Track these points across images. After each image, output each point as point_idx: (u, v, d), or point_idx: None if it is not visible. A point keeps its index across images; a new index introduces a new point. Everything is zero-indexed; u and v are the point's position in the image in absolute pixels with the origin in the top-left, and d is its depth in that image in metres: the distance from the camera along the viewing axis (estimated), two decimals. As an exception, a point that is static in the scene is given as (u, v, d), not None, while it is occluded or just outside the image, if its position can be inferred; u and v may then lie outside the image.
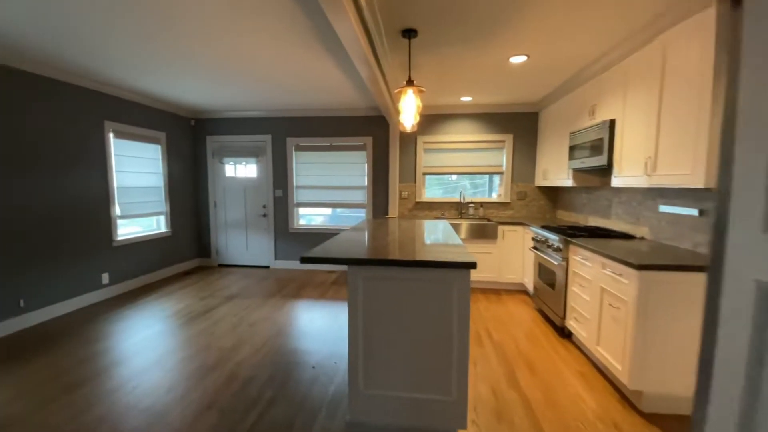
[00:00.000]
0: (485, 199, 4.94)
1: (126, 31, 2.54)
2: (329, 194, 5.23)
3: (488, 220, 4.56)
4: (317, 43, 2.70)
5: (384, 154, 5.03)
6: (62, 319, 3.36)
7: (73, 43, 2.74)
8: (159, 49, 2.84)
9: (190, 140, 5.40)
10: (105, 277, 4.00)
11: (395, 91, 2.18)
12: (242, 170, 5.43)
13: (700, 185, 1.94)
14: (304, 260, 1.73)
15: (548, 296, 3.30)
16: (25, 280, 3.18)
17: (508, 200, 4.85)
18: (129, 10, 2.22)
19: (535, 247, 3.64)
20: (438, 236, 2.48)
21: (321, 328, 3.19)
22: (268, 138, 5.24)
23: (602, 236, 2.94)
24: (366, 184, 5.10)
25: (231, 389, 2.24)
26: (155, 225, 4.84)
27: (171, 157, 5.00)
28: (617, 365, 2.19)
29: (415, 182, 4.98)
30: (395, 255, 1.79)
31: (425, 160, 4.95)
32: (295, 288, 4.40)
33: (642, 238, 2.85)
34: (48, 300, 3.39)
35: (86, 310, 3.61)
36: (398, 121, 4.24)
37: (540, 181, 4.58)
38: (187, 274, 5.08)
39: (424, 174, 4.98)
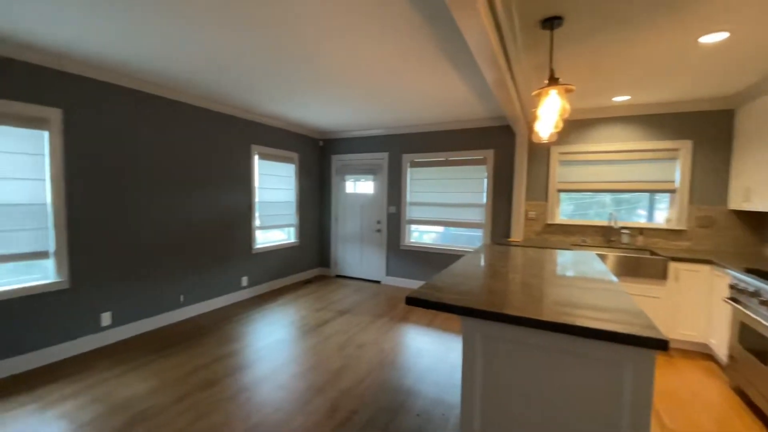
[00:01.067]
0: (647, 224, 3.84)
1: (269, 69, 2.79)
2: (443, 212, 4.91)
3: (652, 252, 3.50)
4: (436, 51, 2.46)
5: (508, 168, 4.46)
6: (209, 315, 3.92)
7: (230, 81, 3.18)
8: (295, 80, 3.06)
9: (319, 159, 5.87)
10: (244, 280, 4.56)
11: (533, 93, 1.74)
12: (360, 187, 5.61)
13: None
14: (410, 302, 1.45)
15: (759, 375, 2.22)
16: (186, 279, 3.82)
17: (683, 227, 3.65)
18: (271, 50, 2.39)
19: (734, 299, 2.55)
20: (589, 280, 1.88)
21: (428, 365, 2.86)
22: (385, 155, 5.28)
23: None
24: (485, 201, 4.60)
25: (332, 423, 2.11)
26: (286, 236, 5.36)
27: (302, 175, 5.50)
28: None
29: (546, 200, 4.23)
30: (527, 307, 1.35)
31: (560, 174, 4.17)
32: (403, 310, 4.20)
33: None
34: (201, 297, 4.00)
35: (227, 309, 4.14)
36: (530, 130, 3.68)
37: (738, 204, 3.29)
38: (308, 282, 5.46)
39: (559, 191, 4.19)
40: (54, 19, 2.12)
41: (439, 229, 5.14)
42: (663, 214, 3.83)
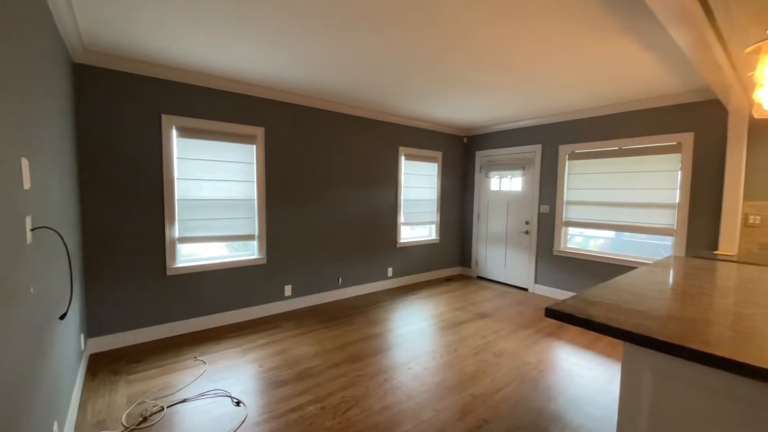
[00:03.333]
0: None
1: (421, 68, 2.93)
2: (613, 213, 4.07)
3: None
4: (604, 15, 2.05)
5: (715, 156, 3.33)
6: (361, 298, 4.42)
7: (382, 88, 3.50)
8: (437, 79, 3.12)
9: (462, 157, 5.80)
10: (390, 271, 4.95)
11: (747, 50, 1.24)
12: (507, 184, 5.24)
13: None
14: (551, 314, 1.26)
15: None
16: (343, 264, 4.42)
17: None
18: (422, 48, 2.52)
19: None
20: None
21: (581, 393, 2.44)
22: (537, 148, 4.76)
23: None
24: (677, 200, 3.57)
25: (463, 425, 2.07)
26: (427, 233, 5.53)
27: (445, 173, 5.55)
28: None
29: (784, 201, 2.97)
30: (731, 344, 0.98)
31: (816, 163, 2.84)
32: (554, 324, 3.71)
33: None
34: (354, 281, 4.56)
35: (375, 295, 4.58)
36: (750, 101, 2.66)
37: None
38: (448, 279, 5.48)
39: (812, 187, 2.86)
40: (252, 59, 2.80)
41: (608, 234, 4.29)
42: None
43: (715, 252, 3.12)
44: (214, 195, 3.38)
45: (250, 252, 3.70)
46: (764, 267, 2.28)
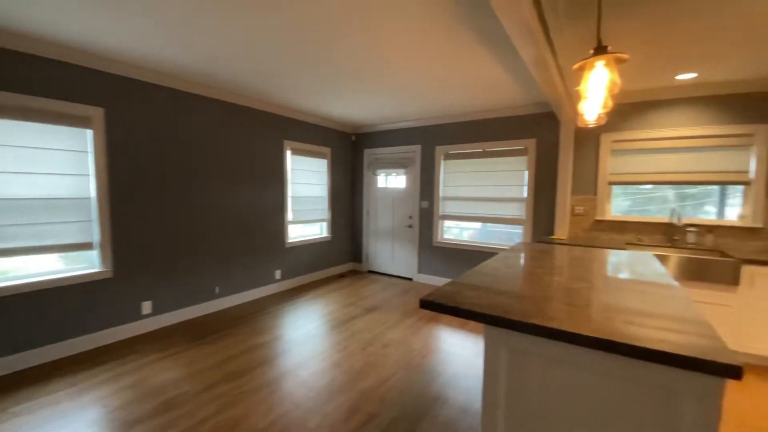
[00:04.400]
0: (718, 221, 3.34)
1: (298, 61, 2.74)
2: (479, 207, 4.64)
3: (722, 253, 3.03)
4: (466, 31, 2.25)
5: (551, 159, 4.10)
6: (242, 307, 4.01)
7: (258, 73, 3.18)
8: (323, 72, 2.99)
9: (351, 154, 5.82)
10: (278, 273, 4.63)
11: (575, 67, 1.50)
12: (392, 181, 5.48)
13: None
14: (426, 305, 1.30)
15: None
16: (221, 272, 3.93)
17: (760, 225, 3.12)
18: (300, 42, 2.33)
19: (834, 312, 2.10)
20: (646, 284, 1.61)
21: (458, 371, 2.69)
22: (417, 148, 5.09)
23: None
24: (525, 195, 4.27)
25: (348, 426, 2.02)
26: (319, 230, 5.38)
27: (335, 170, 5.48)
28: None
29: (595, 194, 3.83)
30: (567, 317, 1.15)
31: (613, 165, 3.74)
32: (435, 309, 4.02)
33: None
34: (235, 289, 4.11)
35: (260, 301, 4.22)
36: (575, 113, 3.33)
37: (840, 197, 2.73)
38: (341, 276, 5.45)
39: (611, 184, 3.77)
40: (98, 24, 2.20)
41: (476, 225, 4.88)
42: (735, 210, 3.30)
43: (552, 237, 3.83)
44: (29, 193, 2.57)
45: (88, 264, 2.94)
46: (586, 248, 2.87)
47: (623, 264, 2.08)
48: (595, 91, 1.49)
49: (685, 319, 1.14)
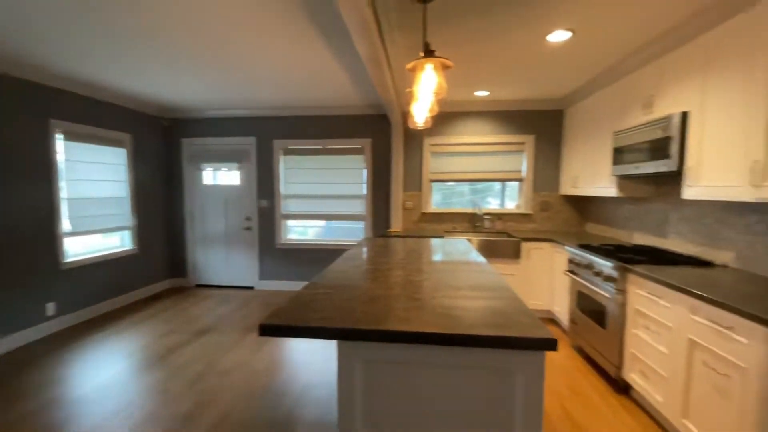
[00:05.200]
0: (503, 210, 4.29)
1: (73, 10, 1.88)
2: (322, 204, 4.56)
3: (508, 235, 3.90)
4: (306, 23, 2.05)
5: (385, 158, 4.38)
6: (-20, 368, 2.65)
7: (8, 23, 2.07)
8: (117, 30, 2.18)
9: (163, 143, 4.72)
10: (50, 308, 3.29)
11: (408, 66, 1.53)
12: (223, 177, 4.76)
13: None
14: (266, 331, 1.05)
15: (595, 335, 2.63)
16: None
17: (530, 211, 4.19)
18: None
19: (572, 271, 2.98)
20: (470, 274, 1.81)
21: (310, 382, 2.50)
22: (252, 140, 4.57)
23: (668, 262, 2.29)
24: (365, 192, 4.43)
25: (172, 498, 1.55)
26: (119, 242, 4.14)
27: (139, 163, 4.32)
28: (730, 459, 1.51)
29: (420, 191, 4.32)
30: (415, 318, 1.12)
31: (432, 165, 4.30)
32: (280, 317, 3.70)
33: (725, 266, 2.20)
34: (-38, 343, 2.68)
35: (23, 351, 2.89)
36: (405, 116, 3.60)
37: (568, 190, 3.93)
38: (156, 298, 4.37)
39: (431, 181, 4.32)
40: None
41: (321, 223, 4.77)
42: (512, 201, 4.34)
43: (390, 231, 4.11)
44: None
45: None
46: (417, 239, 3.15)
47: (448, 250, 2.34)
48: (426, 92, 1.55)
49: (510, 310, 1.29)
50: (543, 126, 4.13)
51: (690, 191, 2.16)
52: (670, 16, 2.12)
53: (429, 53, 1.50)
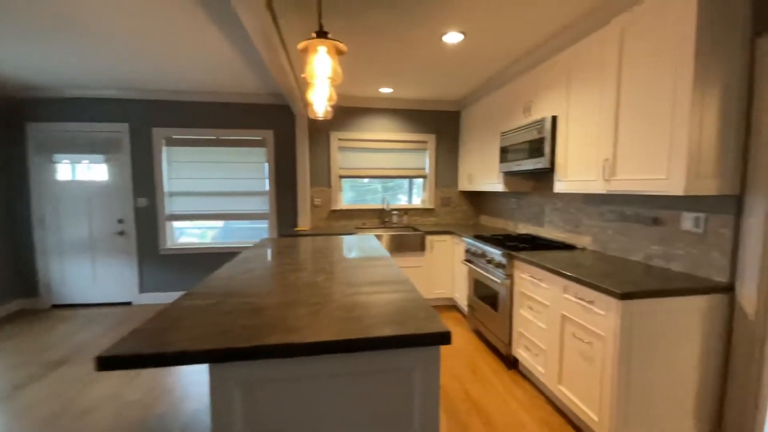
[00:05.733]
0: (410, 205, 4.42)
1: None
2: (219, 202, 4.08)
3: (414, 229, 4.04)
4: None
5: (290, 152, 4.12)
6: None
7: None
8: None
9: (-8, 127, 3.66)
10: None
11: (300, 46, 1.39)
12: (85, 171, 3.90)
13: (679, 192, 1.62)
14: (105, 364, 0.82)
15: (489, 318, 2.87)
16: None
17: (433, 206, 4.41)
18: None
19: (468, 260, 3.20)
20: (374, 270, 1.76)
21: (198, 407, 2.18)
22: (124, 127, 3.84)
23: (544, 247, 2.60)
24: (267, 188, 4.11)
25: None
26: None
27: (-50, 152, 3.26)
28: (592, 415, 1.77)
29: (329, 186, 4.18)
30: (308, 326, 1.00)
31: (341, 160, 4.20)
32: (167, 334, 3.19)
33: (584, 249, 2.59)
34: None
35: None
36: (305, 104, 3.40)
37: (464, 186, 4.24)
38: (-13, 327, 3.38)
39: (340, 177, 4.22)
40: None
41: (219, 223, 4.26)
42: (418, 197, 4.52)
43: (297, 229, 3.88)
44: None
45: None
46: (327, 236, 3.02)
47: (354, 247, 2.27)
48: (320, 77, 1.43)
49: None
50: (443, 126, 4.37)
51: (559, 185, 2.48)
52: (541, 30, 2.39)
53: (322, 35, 1.38)
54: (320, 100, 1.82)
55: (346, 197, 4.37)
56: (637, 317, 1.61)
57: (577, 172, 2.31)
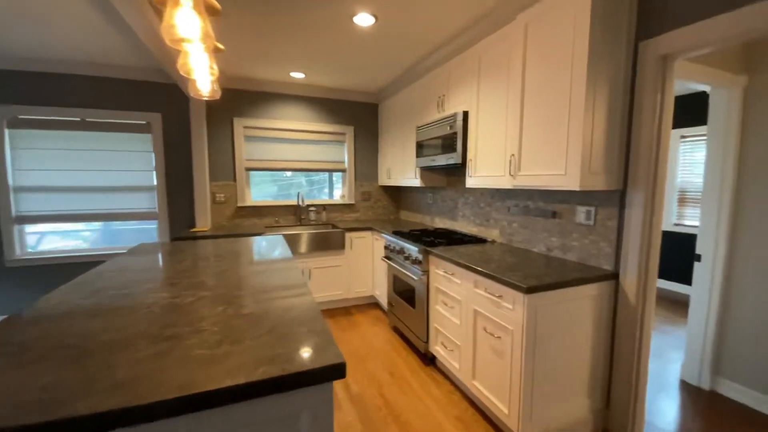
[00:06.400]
0: (327, 201, 4.18)
1: None
2: (88, 200, 3.33)
3: (333, 226, 3.82)
4: None
5: (184, 140, 3.54)
6: None
7: None
8: None
9: None
10: None
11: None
12: None
13: (575, 187, 1.69)
14: None
15: (407, 315, 2.81)
16: None
17: (353, 201, 4.24)
18: None
19: (388, 257, 3.11)
20: (266, 278, 1.50)
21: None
22: (-63, 101, 2.87)
23: (458, 242, 2.62)
24: (155, 182, 3.48)
25: None
26: None
27: None
28: (502, 407, 1.78)
29: (234, 180, 3.72)
30: (140, 380, 0.73)
31: (248, 151, 3.76)
32: None
33: (493, 242, 2.67)
34: None
35: None
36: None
37: (384, 180, 4.15)
38: None
39: (248, 170, 3.79)
40: None
41: (96, 225, 3.47)
42: (339, 192, 4.31)
43: (194, 230, 3.37)
44: None
45: None
46: (227, 239, 2.63)
47: (252, 250, 1.98)
48: (192, 40, 1.12)
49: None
50: (361, 118, 4.20)
51: (471, 181, 2.50)
52: (453, 21, 2.34)
53: (185, -14, 1.07)
54: (202, 75, 1.48)
55: (267, 192, 3.94)
56: (540, 309, 1.64)
57: (486, 168, 2.33)
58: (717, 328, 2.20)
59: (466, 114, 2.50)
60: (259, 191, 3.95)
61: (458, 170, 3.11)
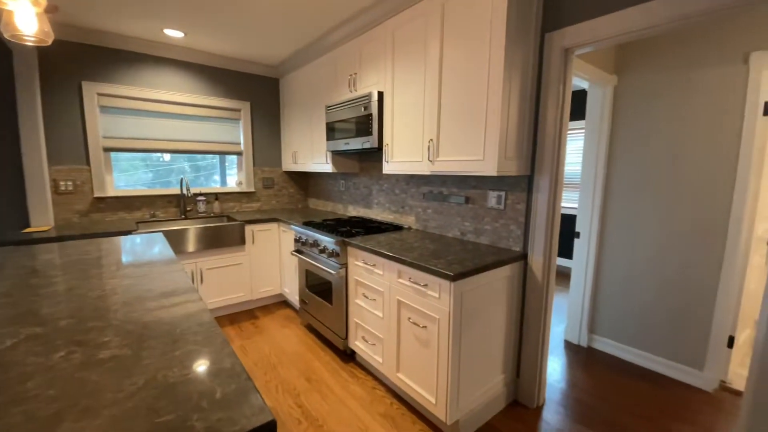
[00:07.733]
0: (220, 189, 3.60)
1: None
2: None
3: (230, 218, 3.31)
4: None
5: (3, 106, 2.56)
6: None
7: None
8: None
9: None
10: None
11: None
12: None
13: (493, 172, 1.71)
14: None
15: (323, 311, 2.59)
16: None
17: (252, 189, 3.75)
18: None
19: (299, 251, 2.82)
20: (137, 291, 1.11)
21: None
22: None
23: (375, 231, 2.50)
24: (-45, 167, 2.44)
25: None
26: None
27: None
28: (429, 397, 1.75)
29: (88, 164, 2.88)
30: None
31: (106, 126, 2.94)
32: None
33: (410, 228, 2.64)
34: None
35: None
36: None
37: (289, 166, 3.77)
38: None
39: (107, 150, 2.97)
40: None
41: None
42: (234, 178, 3.76)
43: (27, 230, 2.49)
44: None
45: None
46: (83, 240, 1.99)
47: (109, 257, 1.51)
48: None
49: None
50: (259, 93, 3.70)
51: (388, 167, 2.39)
52: (366, -9, 2.14)
53: None
54: (23, 7, 0.97)
55: (139, 180, 3.15)
56: (465, 295, 1.63)
57: (404, 153, 2.24)
58: (592, 293, 2.59)
59: (381, 95, 2.35)
60: (128, 178, 3.16)
61: (373, 155, 2.97)
